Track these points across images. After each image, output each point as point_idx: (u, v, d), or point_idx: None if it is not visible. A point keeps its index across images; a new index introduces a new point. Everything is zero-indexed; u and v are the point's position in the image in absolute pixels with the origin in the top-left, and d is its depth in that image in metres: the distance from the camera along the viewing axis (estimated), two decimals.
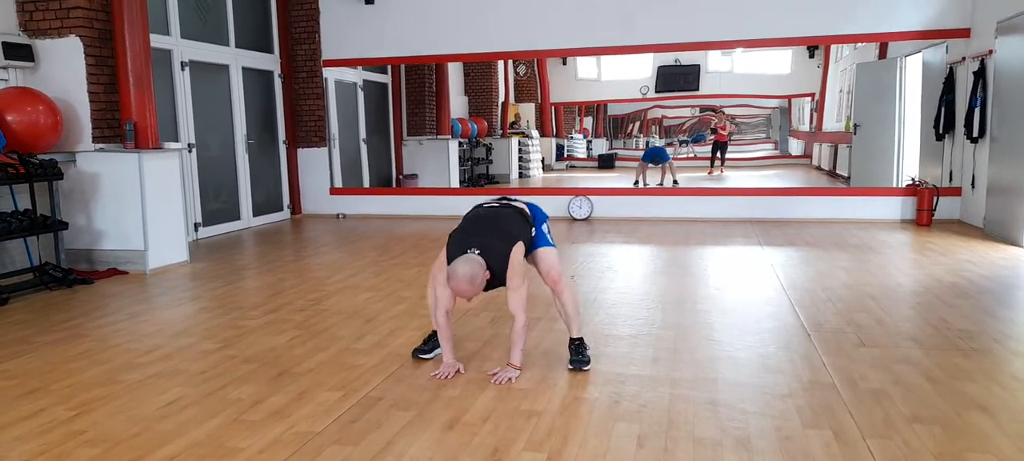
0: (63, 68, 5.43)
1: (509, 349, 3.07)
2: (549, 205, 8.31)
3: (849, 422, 2.51)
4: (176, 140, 6.85)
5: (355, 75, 10.23)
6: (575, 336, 3.21)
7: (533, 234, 3.18)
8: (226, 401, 2.81)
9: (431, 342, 3.31)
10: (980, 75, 6.75)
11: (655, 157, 11.77)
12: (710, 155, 16.73)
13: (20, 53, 5.39)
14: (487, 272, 2.90)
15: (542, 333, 3.64)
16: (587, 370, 3.09)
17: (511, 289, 3.04)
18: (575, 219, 8.17)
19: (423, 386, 2.93)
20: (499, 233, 3.07)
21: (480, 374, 3.04)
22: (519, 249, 3.09)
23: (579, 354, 3.16)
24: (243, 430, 2.53)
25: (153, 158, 5.54)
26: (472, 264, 2.84)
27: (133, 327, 3.99)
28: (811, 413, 2.60)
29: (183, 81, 7.05)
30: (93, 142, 5.48)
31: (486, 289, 3.29)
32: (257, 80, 8.33)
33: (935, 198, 7.28)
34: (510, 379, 2.94)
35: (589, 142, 23.12)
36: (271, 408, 2.73)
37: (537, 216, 3.28)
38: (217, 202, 7.64)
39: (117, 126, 5.60)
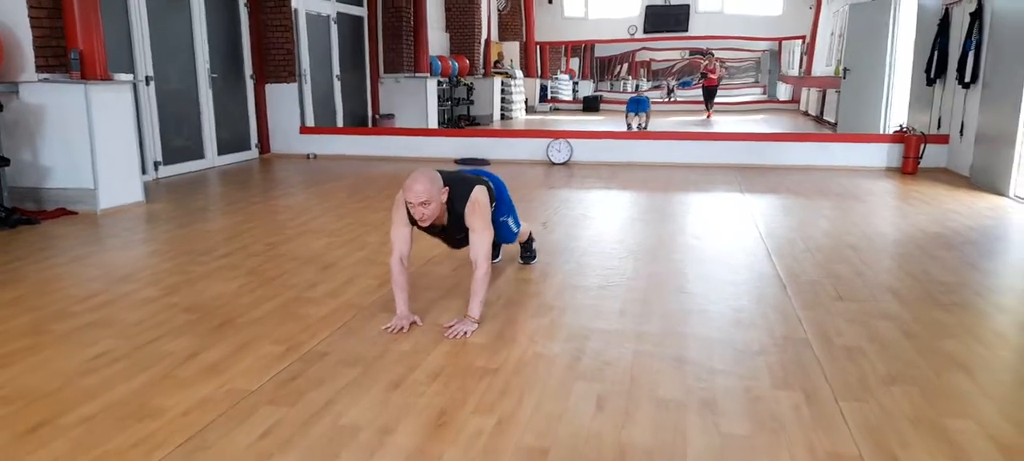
0: None
1: (468, 300, 2.88)
2: (527, 148, 8.17)
3: (822, 383, 2.36)
4: (131, 72, 6.46)
5: (329, 7, 9.76)
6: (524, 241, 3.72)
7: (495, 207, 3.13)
8: (158, 355, 2.60)
9: (531, 251, 3.78)
10: (976, 17, 6.49)
11: (636, 109, 11.82)
12: (703, 99, 16.46)
13: None
14: (446, 189, 2.79)
15: (505, 282, 3.46)
16: (533, 266, 3.75)
17: (473, 231, 2.86)
18: (553, 163, 7.92)
19: (373, 340, 2.74)
20: (461, 176, 2.98)
21: (436, 327, 2.86)
22: (482, 191, 2.91)
23: (527, 251, 3.77)
24: (171, 387, 2.33)
25: (101, 90, 5.19)
26: (430, 171, 2.79)
27: (74, 271, 3.76)
28: (782, 372, 2.44)
29: (138, 7, 6.60)
30: (37, 72, 5.11)
31: (449, 239, 3.11)
32: (220, 9, 7.87)
33: (922, 145, 7.10)
34: (466, 333, 2.76)
35: (575, 84, 22.68)
36: (205, 363, 2.53)
37: (500, 200, 3.23)
38: (179, 139, 7.29)
39: (63, 55, 5.22)
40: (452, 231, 2.98)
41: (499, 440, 2.00)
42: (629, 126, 11.57)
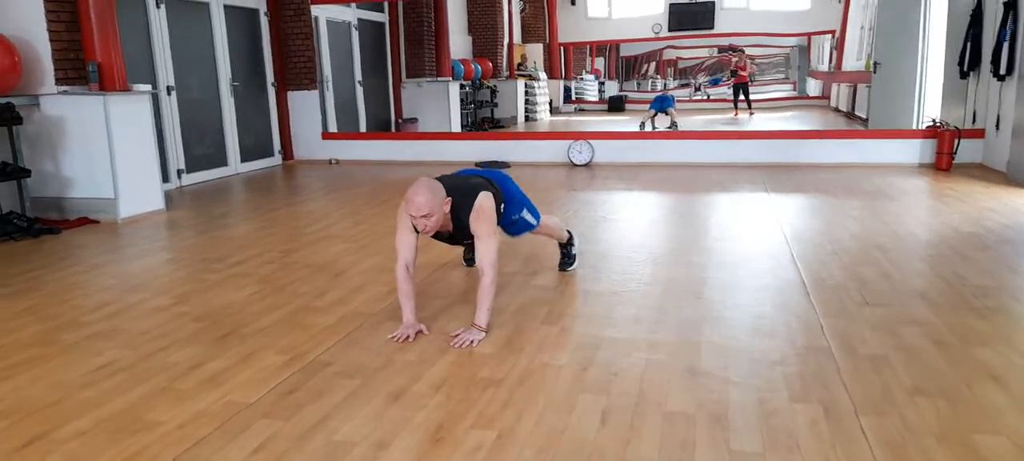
0: (19, 4, 5.10)
1: (475, 308, 2.81)
2: (549, 150, 8.07)
3: (842, 395, 2.23)
4: (153, 82, 6.54)
5: (349, 13, 9.79)
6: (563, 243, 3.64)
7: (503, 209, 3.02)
8: (161, 366, 2.58)
9: (569, 257, 3.64)
10: (1011, 6, 6.22)
11: (660, 106, 11.73)
12: (733, 97, 16.17)
13: None
14: (449, 199, 2.72)
15: (516, 288, 3.37)
16: (573, 271, 3.64)
17: (478, 238, 2.79)
18: (575, 165, 7.82)
19: (378, 350, 2.68)
20: (465, 183, 2.89)
21: (443, 336, 2.79)
22: (486, 197, 2.83)
23: (566, 257, 3.65)
24: (169, 400, 2.30)
25: (120, 101, 5.25)
26: (432, 182, 2.73)
27: (90, 280, 3.78)
28: (801, 384, 2.32)
29: (159, 19, 6.69)
30: (56, 84, 5.19)
31: (455, 240, 3.04)
32: (241, 18, 7.94)
33: (956, 141, 6.83)
34: (472, 342, 2.69)
35: (601, 84, 22.48)
36: (207, 374, 2.49)
37: (510, 199, 3.11)
38: (201, 147, 7.36)
39: (82, 67, 5.29)
40: (458, 238, 2.91)
41: (497, 456, 1.92)
42: (642, 125, 11.47)
